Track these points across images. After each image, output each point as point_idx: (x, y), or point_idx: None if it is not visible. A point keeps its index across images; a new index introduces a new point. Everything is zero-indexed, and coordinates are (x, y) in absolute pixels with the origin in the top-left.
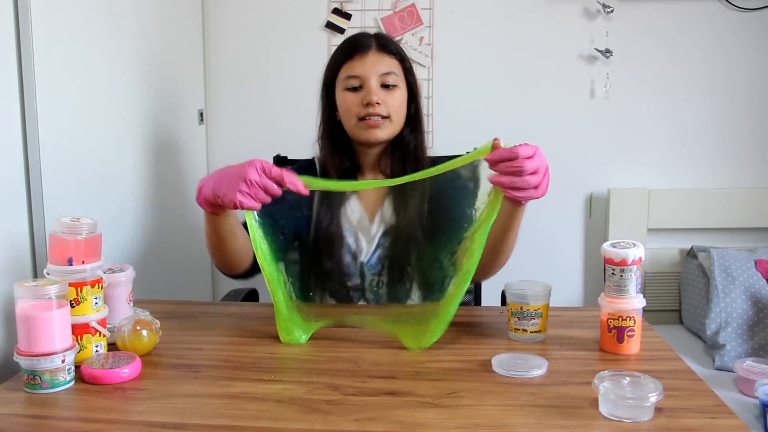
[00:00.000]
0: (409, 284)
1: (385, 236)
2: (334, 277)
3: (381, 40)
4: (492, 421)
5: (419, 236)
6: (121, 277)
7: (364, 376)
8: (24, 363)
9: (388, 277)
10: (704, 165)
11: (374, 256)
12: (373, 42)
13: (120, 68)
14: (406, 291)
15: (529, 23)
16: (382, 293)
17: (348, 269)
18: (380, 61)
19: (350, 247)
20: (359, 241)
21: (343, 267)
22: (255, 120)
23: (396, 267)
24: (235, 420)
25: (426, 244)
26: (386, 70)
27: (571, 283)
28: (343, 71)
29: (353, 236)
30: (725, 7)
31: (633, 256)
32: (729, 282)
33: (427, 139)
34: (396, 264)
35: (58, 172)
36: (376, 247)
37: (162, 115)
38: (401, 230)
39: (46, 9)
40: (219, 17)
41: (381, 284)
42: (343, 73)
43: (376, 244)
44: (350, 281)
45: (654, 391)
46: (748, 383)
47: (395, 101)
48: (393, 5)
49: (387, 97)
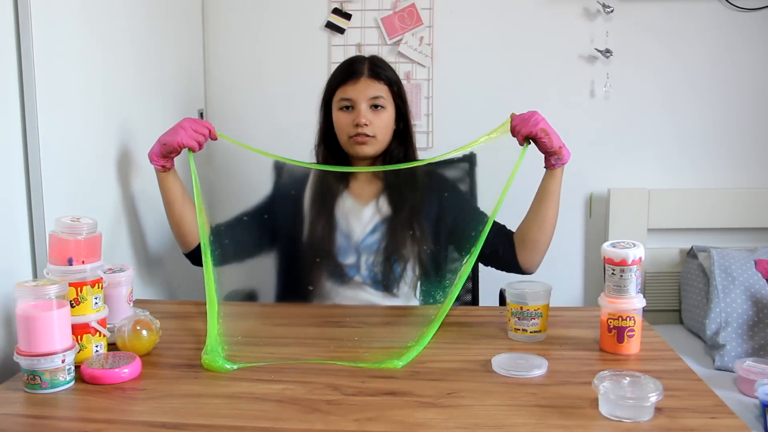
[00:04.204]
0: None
1: (382, 224)
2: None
3: (374, 67)
4: (492, 421)
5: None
6: (121, 277)
7: (364, 376)
8: (24, 363)
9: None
10: (704, 165)
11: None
12: (365, 69)
13: (120, 68)
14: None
15: (529, 23)
16: (378, 271)
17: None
18: (370, 87)
19: (342, 228)
20: (351, 223)
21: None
22: (255, 120)
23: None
24: (235, 420)
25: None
26: (375, 94)
27: (571, 283)
28: (338, 93)
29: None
30: (725, 7)
31: (633, 256)
32: (729, 282)
33: (427, 139)
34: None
35: (58, 172)
36: (372, 231)
37: (162, 115)
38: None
39: (46, 9)
40: (219, 17)
41: (376, 262)
42: (338, 95)
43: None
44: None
45: (654, 391)
46: (748, 383)
47: (381, 121)
48: (393, 5)
49: (374, 118)
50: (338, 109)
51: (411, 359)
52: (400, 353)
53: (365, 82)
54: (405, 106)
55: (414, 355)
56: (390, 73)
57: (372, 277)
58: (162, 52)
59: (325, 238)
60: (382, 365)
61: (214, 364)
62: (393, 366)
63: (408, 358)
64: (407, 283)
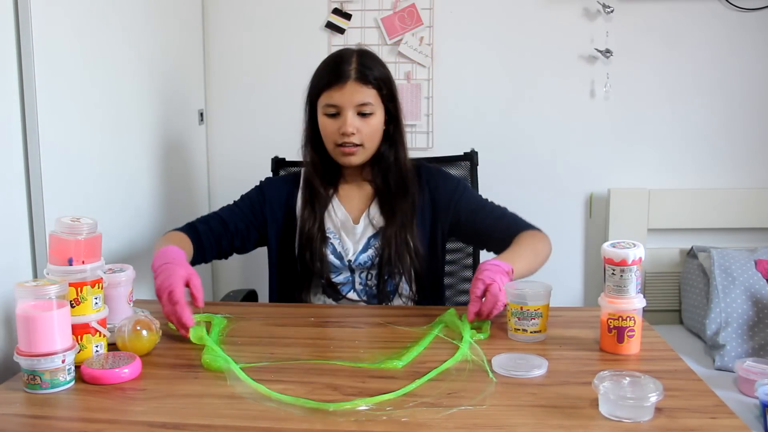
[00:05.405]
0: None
1: (375, 238)
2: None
3: (362, 68)
4: (492, 421)
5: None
6: (121, 277)
7: (364, 376)
8: (24, 363)
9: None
10: (704, 165)
11: (363, 255)
12: (352, 71)
13: (120, 68)
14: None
15: (529, 23)
16: (372, 284)
17: (333, 267)
18: (357, 93)
19: (334, 247)
20: (344, 241)
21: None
22: (255, 120)
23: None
24: (235, 420)
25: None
26: (362, 101)
27: (571, 283)
28: (323, 98)
29: (338, 237)
30: (725, 7)
31: (633, 256)
32: (729, 282)
33: (427, 139)
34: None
35: (58, 172)
36: (364, 247)
37: (162, 115)
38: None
39: (46, 9)
40: (219, 17)
41: (370, 277)
42: (323, 99)
43: (364, 244)
44: (338, 277)
45: (654, 391)
46: (748, 383)
47: (370, 128)
48: (393, 5)
49: (362, 125)
50: (324, 114)
51: (411, 359)
52: (400, 353)
53: (352, 87)
54: (396, 106)
55: (414, 355)
56: (379, 71)
57: (367, 293)
58: (162, 52)
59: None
60: (382, 365)
61: (214, 364)
62: (393, 366)
63: (408, 358)
64: (403, 296)
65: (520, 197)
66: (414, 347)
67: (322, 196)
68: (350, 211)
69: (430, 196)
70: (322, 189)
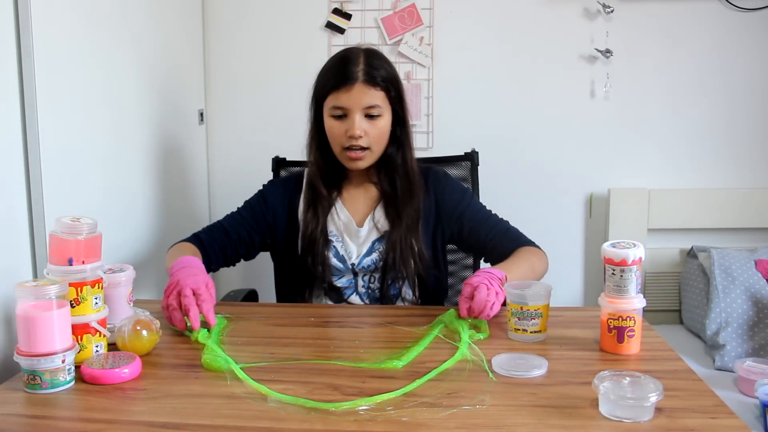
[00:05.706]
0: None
1: (379, 241)
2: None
3: (370, 69)
4: (492, 421)
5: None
6: (121, 277)
7: (364, 376)
8: (24, 363)
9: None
10: (704, 165)
11: (366, 258)
12: (360, 72)
13: (120, 68)
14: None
15: (529, 23)
16: (374, 288)
17: (336, 270)
18: (365, 95)
19: (337, 250)
20: (347, 244)
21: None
22: (255, 120)
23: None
24: (235, 420)
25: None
26: (370, 103)
27: (571, 283)
28: (330, 100)
29: (341, 240)
30: (725, 7)
31: (633, 256)
32: (729, 282)
33: (427, 139)
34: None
35: (58, 172)
36: (368, 251)
37: (162, 115)
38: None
39: (46, 9)
40: (219, 17)
41: (373, 280)
42: (330, 101)
43: (368, 248)
44: (340, 280)
45: (654, 391)
46: (748, 383)
47: (377, 131)
48: (393, 5)
49: (369, 128)
50: (330, 115)
51: (411, 359)
52: (400, 353)
53: (360, 90)
54: (403, 108)
55: (414, 355)
56: (387, 72)
57: (369, 296)
58: (162, 52)
59: (318, 263)
60: (382, 365)
61: (214, 364)
62: (393, 366)
63: (408, 358)
64: (406, 300)
65: (521, 197)
66: (414, 347)
67: (325, 199)
68: (354, 214)
69: (435, 200)
70: (325, 191)
